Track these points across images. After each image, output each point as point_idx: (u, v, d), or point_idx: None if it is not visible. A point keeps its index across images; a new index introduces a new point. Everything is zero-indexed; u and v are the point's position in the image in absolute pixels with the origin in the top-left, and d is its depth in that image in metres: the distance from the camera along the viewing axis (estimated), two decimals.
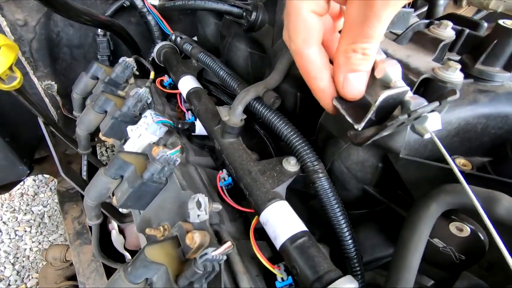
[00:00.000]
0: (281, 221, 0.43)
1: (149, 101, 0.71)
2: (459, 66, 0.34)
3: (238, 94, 0.58)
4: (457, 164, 0.39)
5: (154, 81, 0.85)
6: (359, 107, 0.35)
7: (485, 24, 0.49)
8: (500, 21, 0.36)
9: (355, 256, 0.46)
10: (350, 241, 0.46)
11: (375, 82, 0.35)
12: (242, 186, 0.50)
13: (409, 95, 0.32)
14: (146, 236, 0.53)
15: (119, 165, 0.54)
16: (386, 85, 0.34)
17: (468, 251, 0.37)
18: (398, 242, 0.35)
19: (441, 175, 0.37)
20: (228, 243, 0.42)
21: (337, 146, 0.46)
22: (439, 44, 0.38)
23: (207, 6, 0.60)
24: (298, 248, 0.40)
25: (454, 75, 0.34)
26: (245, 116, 0.55)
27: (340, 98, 0.36)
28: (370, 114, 0.33)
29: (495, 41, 0.36)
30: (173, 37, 0.79)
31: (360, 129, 0.33)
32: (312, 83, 0.37)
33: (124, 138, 0.69)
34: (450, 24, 0.39)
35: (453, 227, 0.37)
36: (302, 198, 0.60)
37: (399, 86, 0.32)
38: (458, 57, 0.43)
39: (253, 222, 0.48)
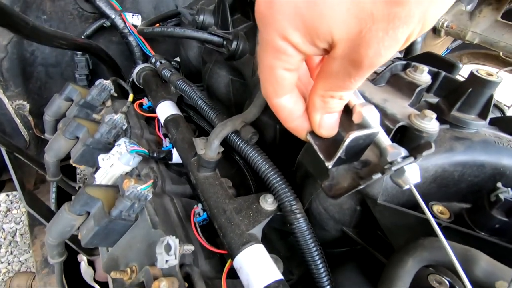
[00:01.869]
0: (255, 268, 0.40)
1: (124, 127, 0.68)
2: (434, 115, 0.33)
3: (215, 126, 0.56)
4: (435, 211, 0.38)
5: (133, 103, 0.82)
6: (332, 143, 0.34)
7: (460, 65, 0.49)
8: (474, 70, 0.36)
9: None
10: (328, 286, 0.44)
11: (351, 119, 0.34)
12: (216, 226, 0.47)
13: (388, 143, 0.30)
14: (112, 278, 0.49)
15: (85, 201, 0.50)
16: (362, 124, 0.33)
17: None
18: None
19: (419, 224, 0.36)
20: None
21: (314, 186, 0.45)
22: (415, 89, 0.38)
23: (186, 34, 0.59)
24: None
25: (429, 124, 0.33)
26: (222, 149, 0.53)
27: (313, 133, 0.35)
28: (339, 153, 0.32)
29: (470, 90, 0.36)
30: (153, 60, 0.77)
31: (330, 166, 0.33)
32: (285, 124, 0.36)
33: (96, 166, 0.65)
34: (426, 68, 0.39)
35: (432, 280, 0.35)
36: (281, 233, 0.58)
37: (370, 127, 0.31)
38: (435, 99, 0.43)
39: (226, 266, 0.45)
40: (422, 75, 0.39)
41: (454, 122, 0.38)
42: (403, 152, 0.30)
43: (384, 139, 0.32)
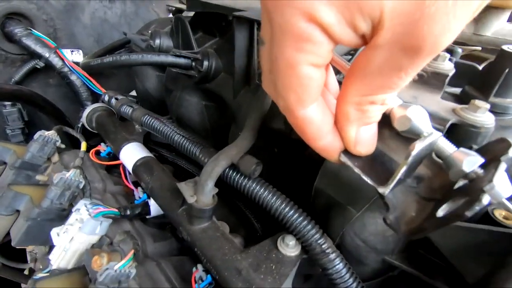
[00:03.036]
0: None
1: (81, 186, 0.54)
2: (487, 105, 0.27)
3: (202, 163, 0.45)
4: (497, 216, 0.32)
5: (87, 152, 0.67)
6: (375, 162, 0.26)
7: (459, 50, 0.46)
8: (505, 47, 0.31)
9: None
10: None
11: (388, 130, 0.27)
12: None
13: (454, 149, 0.23)
14: None
15: None
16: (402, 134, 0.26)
17: None
18: None
19: (493, 241, 0.29)
20: None
21: (345, 215, 0.36)
22: (444, 79, 0.32)
23: (145, 60, 0.49)
24: None
25: (484, 116, 0.27)
26: (217, 191, 0.43)
27: (347, 152, 0.26)
28: (400, 175, 0.24)
29: (507, 70, 0.31)
30: (106, 98, 0.64)
31: (387, 192, 0.24)
32: (312, 143, 0.27)
33: (50, 244, 0.50)
34: (447, 55, 0.34)
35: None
36: (304, 278, 0.48)
37: (429, 133, 0.24)
38: (454, 89, 0.38)
39: None
40: (445, 63, 0.33)
41: (493, 110, 0.32)
42: (479, 157, 0.23)
43: (445, 145, 0.25)
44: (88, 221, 0.45)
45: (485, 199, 0.20)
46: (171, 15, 0.92)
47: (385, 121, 0.26)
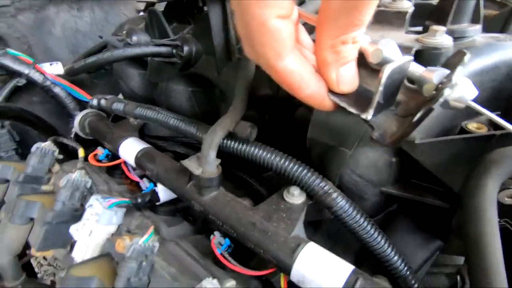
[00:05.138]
0: (323, 270, 0.33)
1: (88, 185, 0.56)
2: (443, 28, 0.31)
3: (202, 138, 0.48)
4: (471, 128, 0.36)
5: (86, 159, 0.69)
6: (359, 97, 0.30)
7: None
8: None
9: (409, 273, 0.39)
10: (395, 257, 0.39)
11: (365, 68, 0.30)
12: (250, 245, 0.39)
13: (423, 69, 0.27)
14: None
15: (76, 286, 0.38)
16: (377, 68, 0.29)
17: None
18: (469, 241, 0.29)
19: (469, 148, 0.33)
20: None
21: (340, 156, 0.40)
22: (405, 16, 0.35)
23: (127, 54, 0.51)
24: None
25: (443, 38, 0.31)
26: (219, 161, 0.46)
27: (334, 93, 0.30)
28: (377, 97, 0.27)
29: None
30: (95, 102, 0.66)
31: (370, 117, 0.28)
32: (298, 93, 0.30)
33: (70, 243, 0.52)
34: None
35: (503, 196, 0.32)
36: (314, 225, 0.52)
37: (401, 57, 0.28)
38: (416, 28, 0.42)
39: (283, 283, 0.38)
40: (404, 2, 0.37)
41: (452, 35, 0.36)
42: (445, 70, 0.27)
43: (415, 68, 0.28)
44: (104, 212, 0.47)
45: (446, 91, 0.23)
46: (142, 13, 0.93)
47: (362, 62, 0.30)
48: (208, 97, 0.65)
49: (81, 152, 0.68)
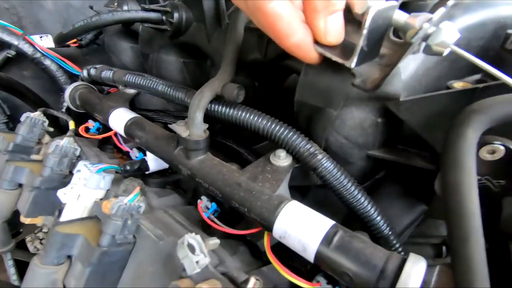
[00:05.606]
0: (303, 225, 0.33)
1: (77, 153, 0.56)
2: None
3: (190, 102, 0.48)
4: (457, 87, 0.36)
5: (76, 131, 0.69)
6: (344, 49, 0.30)
7: None
8: None
9: (390, 233, 0.39)
10: (378, 218, 0.39)
11: (350, 23, 0.30)
12: (235, 204, 0.39)
13: (407, 16, 0.27)
14: None
15: (61, 242, 0.38)
16: (362, 19, 0.29)
17: (505, 173, 0.33)
18: (447, 190, 0.29)
19: (452, 103, 0.33)
20: (253, 280, 0.31)
21: (326, 117, 0.40)
22: None
23: (116, 18, 0.50)
24: (339, 247, 0.31)
25: None
26: (207, 126, 0.45)
27: (321, 45, 0.30)
28: (361, 42, 0.27)
29: None
30: (85, 73, 0.65)
31: (353, 65, 0.28)
32: (285, 41, 0.30)
33: (58, 209, 0.52)
34: None
35: (483, 152, 0.33)
36: (301, 192, 0.52)
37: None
38: None
39: (266, 240, 0.38)
40: None
41: None
42: (428, 14, 0.26)
43: (400, 16, 0.28)
44: (92, 176, 0.47)
45: (425, 25, 0.23)
46: None
47: (348, 17, 0.30)
48: (200, 69, 0.64)
49: (71, 124, 0.68)
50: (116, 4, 0.68)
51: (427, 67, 0.35)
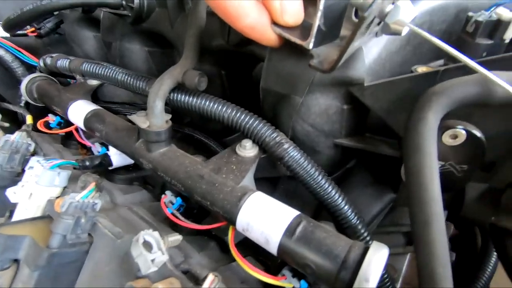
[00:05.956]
0: (266, 216, 0.32)
1: (31, 148, 0.52)
2: None
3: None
4: (420, 72, 0.35)
5: (34, 126, 0.64)
6: (303, 30, 0.28)
7: None
8: None
9: (358, 222, 0.38)
10: (346, 207, 0.38)
11: (311, 4, 0.28)
12: (197, 198, 0.37)
13: None
14: None
15: (4, 244, 0.35)
16: None
17: (468, 157, 0.33)
18: (409, 174, 0.28)
19: (416, 87, 0.32)
20: (210, 277, 0.29)
21: (291, 104, 0.38)
22: None
23: (70, 2, 0.46)
24: (301, 238, 0.30)
25: None
26: (170, 116, 0.43)
27: (278, 25, 0.28)
28: (317, 21, 0.26)
29: None
30: (41, 63, 0.60)
31: (311, 46, 0.27)
32: (239, 23, 0.28)
33: (9, 209, 0.48)
34: None
35: (446, 137, 0.32)
36: (271, 185, 0.51)
37: None
38: None
39: (230, 234, 0.36)
40: None
41: None
42: None
43: None
44: (44, 173, 0.44)
45: (383, 2, 0.22)
46: None
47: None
48: (167, 58, 0.61)
49: (28, 119, 0.64)
50: None
51: (391, 52, 0.35)
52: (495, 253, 0.54)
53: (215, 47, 0.44)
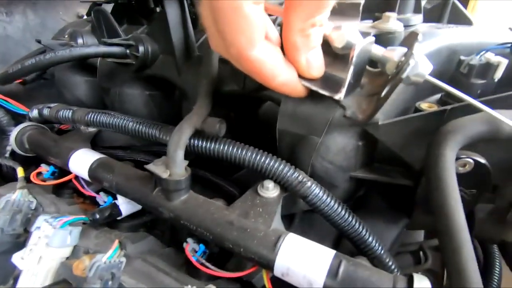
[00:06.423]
0: (305, 259, 0.33)
1: (33, 206, 0.48)
2: (394, 14, 0.33)
3: (166, 140, 0.45)
4: (424, 107, 0.39)
5: (27, 179, 0.60)
6: (326, 81, 0.31)
7: None
8: None
9: (383, 252, 0.40)
10: (370, 238, 0.40)
11: (327, 55, 0.32)
12: (229, 245, 0.37)
13: (383, 49, 0.29)
14: None
15: None
16: (340, 52, 0.31)
17: (476, 182, 0.37)
18: (436, 206, 0.31)
19: (425, 124, 0.36)
20: None
21: (310, 144, 0.40)
22: (358, 7, 0.38)
23: (75, 54, 0.46)
24: (346, 279, 0.30)
25: (395, 23, 0.33)
26: (187, 163, 0.43)
27: (304, 79, 0.31)
28: (349, 76, 0.29)
29: None
30: (35, 113, 0.58)
31: (342, 98, 0.29)
32: (271, 82, 0.30)
33: (12, 277, 0.44)
34: None
35: (457, 166, 0.36)
36: (287, 221, 0.51)
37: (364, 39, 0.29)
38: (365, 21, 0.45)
39: (266, 279, 0.36)
40: None
41: None
42: (403, 48, 0.29)
43: (377, 49, 0.30)
44: (56, 233, 0.41)
45: (408, 66, 0.25)
46: (85, 17, 0.86)
47: (326, 50, 0.31)
48: (168, 100, 0.61)
49: (20, 172, 0.60)
50: (67, 36, 0.63)
51: (398, 92, 0.38)
52: (498, 268, 0.57)
53: (227, 92, 0.46)
